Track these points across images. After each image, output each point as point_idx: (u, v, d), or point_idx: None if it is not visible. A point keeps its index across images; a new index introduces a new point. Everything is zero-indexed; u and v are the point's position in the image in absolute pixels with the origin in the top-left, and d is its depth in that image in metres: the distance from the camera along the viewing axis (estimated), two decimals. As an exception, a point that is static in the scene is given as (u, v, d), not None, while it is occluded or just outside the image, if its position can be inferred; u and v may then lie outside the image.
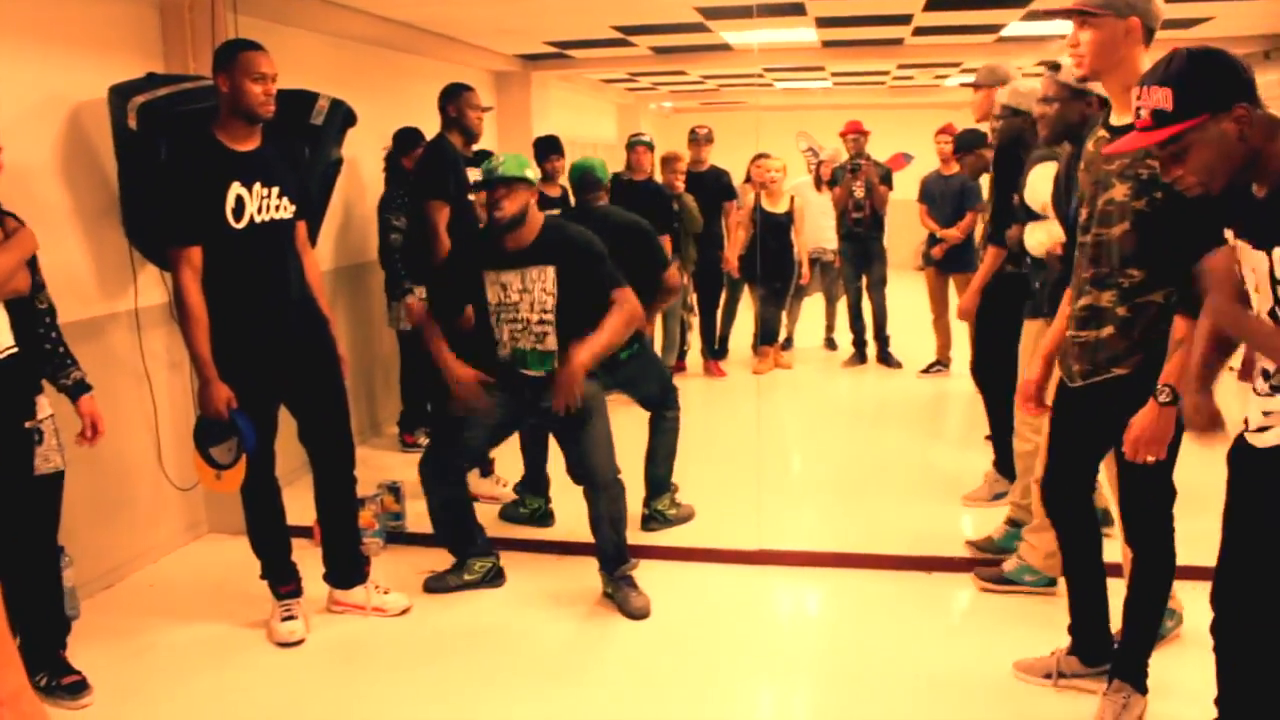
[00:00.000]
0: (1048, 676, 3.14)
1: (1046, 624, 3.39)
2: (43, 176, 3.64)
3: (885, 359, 7.90)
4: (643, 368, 4.52)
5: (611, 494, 3.86)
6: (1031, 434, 3.91)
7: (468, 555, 4.02)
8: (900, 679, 3.28)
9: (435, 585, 4.00)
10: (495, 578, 4.04)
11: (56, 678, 3.17)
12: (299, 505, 3.88)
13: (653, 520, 4.63)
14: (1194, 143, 2.15)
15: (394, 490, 4.59)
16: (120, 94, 3.77)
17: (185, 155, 3.38)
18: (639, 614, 3.77)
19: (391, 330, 5.84)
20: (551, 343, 3.71)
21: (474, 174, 5.54)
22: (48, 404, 3.12)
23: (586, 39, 7.27)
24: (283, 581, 3.68)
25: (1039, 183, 3.79)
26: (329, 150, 4.56)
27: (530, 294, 3.67)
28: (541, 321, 3.69)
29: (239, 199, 3.32)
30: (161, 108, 3.74)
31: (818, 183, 8.07)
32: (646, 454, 4.60)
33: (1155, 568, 2.85)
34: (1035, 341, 3.84)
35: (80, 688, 3.18)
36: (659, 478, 4.64)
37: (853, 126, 7.82)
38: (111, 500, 4.06)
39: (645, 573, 4.00)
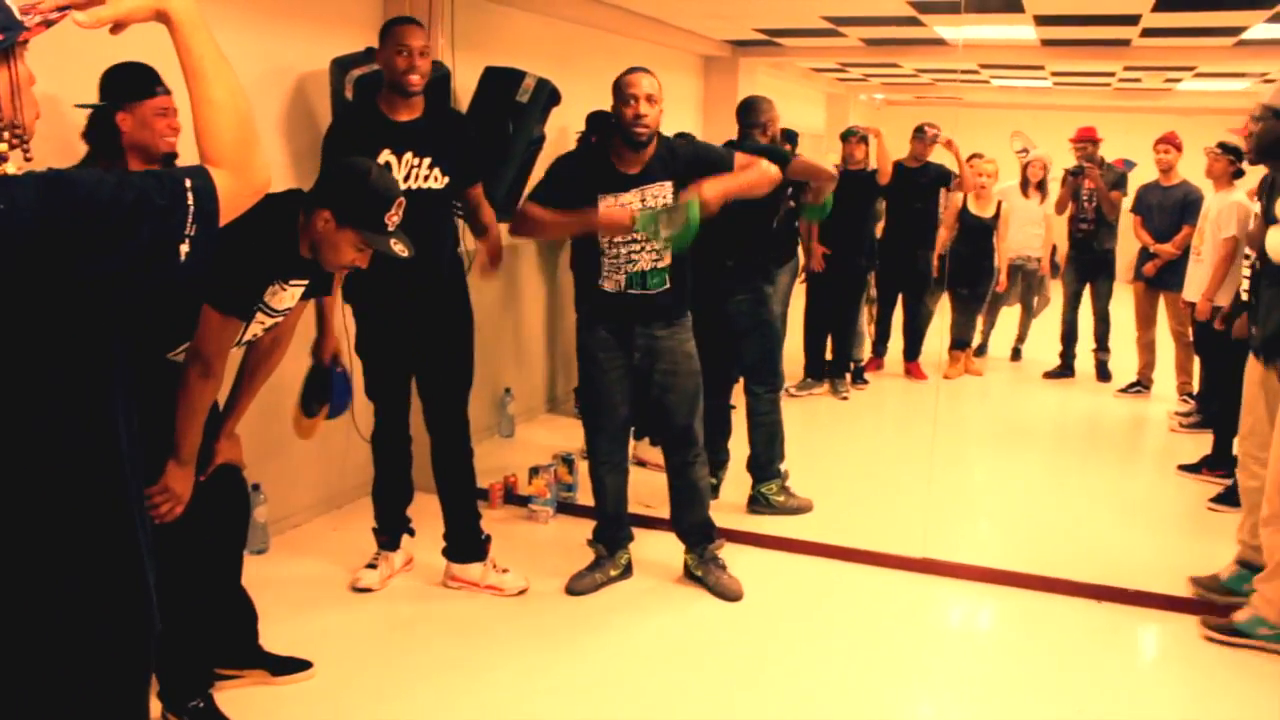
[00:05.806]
0: None
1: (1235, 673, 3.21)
2: (267, 142, 3.77)
3: (1102, 373, 7.48)
4: (759, 328, 4.53)
5: (701, 458, 3.83)
6: (1258, 469, 3.68)
7: (616, 547, 3.94)
8: (1046, 708, 3.19)
9: (579, 588, 3.85)
10: (628, 572, 3.98)
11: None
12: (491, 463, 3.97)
13: (756, 504, 4.63)
14: None
15: (567, 461, 4.73)
16: (341, 66, 3.98)
17: (343, 121, 3.58)
18: (733, 596, 3.77)
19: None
20: (669, 259, 3.59)
21: None
22: None
23: (796, 28, 7.21)
24: (383, 532, 3.87)
25: None
26: (532, 127, 4.69)
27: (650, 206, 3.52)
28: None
29: (386, 165, 3.41)
30: (376, 80, 3.94)
31: (1024, 186, 7.78)
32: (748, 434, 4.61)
33: None
34: (1259, 387, 3.63)
35: None
36: (760, 460, 4.62)
37: (1084, 133, 7.32)
38: (300, 448, 4.11)
39: (801, 569, 4.00)
